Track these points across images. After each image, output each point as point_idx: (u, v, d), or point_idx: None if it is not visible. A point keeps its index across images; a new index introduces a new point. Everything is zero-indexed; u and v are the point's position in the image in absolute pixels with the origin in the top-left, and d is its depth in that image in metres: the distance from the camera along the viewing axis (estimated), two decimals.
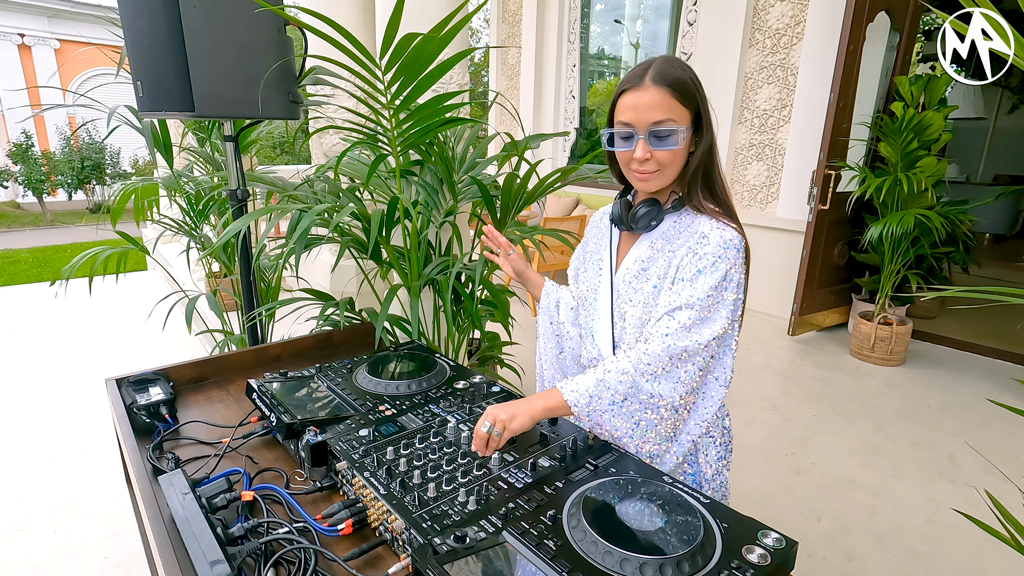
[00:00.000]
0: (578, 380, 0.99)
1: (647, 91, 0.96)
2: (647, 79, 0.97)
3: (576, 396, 0.97)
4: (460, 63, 1.75)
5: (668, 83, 0.96)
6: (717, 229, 1.00)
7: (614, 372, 0.97)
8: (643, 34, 5.62)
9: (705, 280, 0.97)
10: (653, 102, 0.96)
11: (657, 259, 1.05)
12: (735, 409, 2.89)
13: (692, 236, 1.02)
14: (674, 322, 0.97)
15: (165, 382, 1.21)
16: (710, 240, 0.99)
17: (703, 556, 0.67)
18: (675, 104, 0.97)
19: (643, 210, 1.06)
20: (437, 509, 0.77)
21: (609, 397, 0.96)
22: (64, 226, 11.69)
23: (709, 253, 0.98)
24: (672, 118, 0.97)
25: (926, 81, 3.33)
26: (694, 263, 0.99)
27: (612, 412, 0.96)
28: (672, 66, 0.98)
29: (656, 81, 0.96)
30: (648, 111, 0.96)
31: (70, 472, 2.47)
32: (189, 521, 0.74)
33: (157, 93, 1.51)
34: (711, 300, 0.97)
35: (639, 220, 1.06)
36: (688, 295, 0.97)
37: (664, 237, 1.06)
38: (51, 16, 13.69)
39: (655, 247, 1.06)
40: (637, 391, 0.97)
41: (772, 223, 4.16)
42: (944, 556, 1.92)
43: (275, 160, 8.36)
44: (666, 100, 0.96)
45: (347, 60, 1.45)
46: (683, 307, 0.97)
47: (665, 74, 0.96)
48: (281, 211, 1.68)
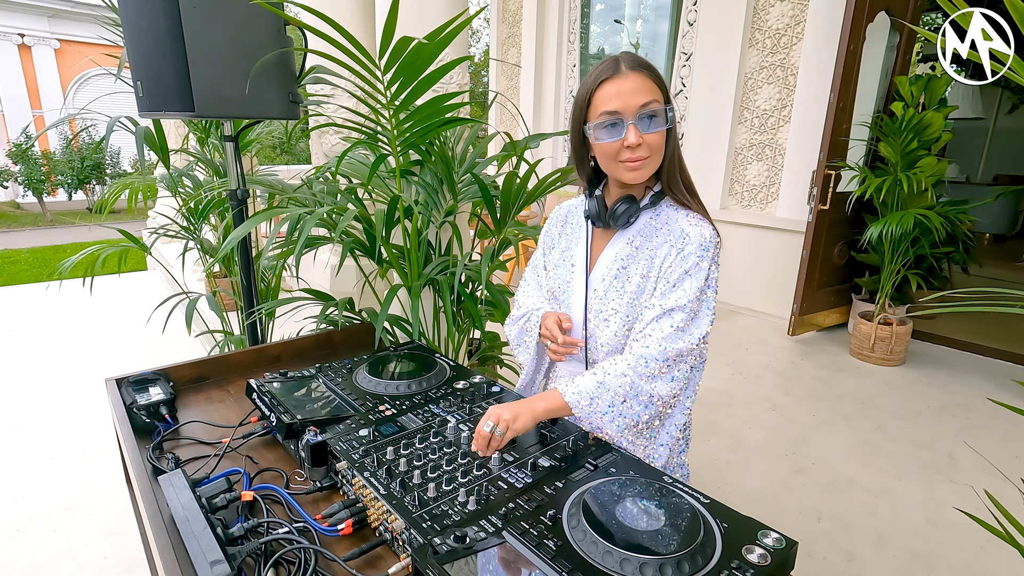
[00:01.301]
0: (578, 382, 1.01)
1: (627, 77, 0.97)
2: (623, 66, 0.98)
3: (577, 398, 0.99)
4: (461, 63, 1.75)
5: (644, 67, 0.99)
6: (696, 226, 1.02)
7: (613, 375, 0.99)
8: (643, 34, 5.61)
9: (692, 282, 1.00)
10: (636, 86, 0.97)
11: (637, 257, 1.06)
12: (735, 409, 2.89)
13: (671, 233, 1.04)
14: (668, 325, 0.99)
15: (165, 382, 1.21)
16: (691, 238, 1.01)
17: (703, 556, 0.67)
18: (654, 87, 0.99)
19: (623, 207, 1.06)
20: (437, 509, 0.77)
21: (609, 399, 0.98)
22: (64, 226, 11.69)
23: (692, 253, 1.01)
24: (657, 98, 0.98)
25: (926, 81, 3.33)
26: (680, 264, 1.01)
27: (612, 413, 0.98)
28: (640, 59, 1.01)
29: (633, 67, 0.98)
30: (633, 95, 0.97)
31: (70, 472, 2.47)
32: (189, 521, 0.74)
33: (157, 93, 1.51)
34: (698, 301, 1.00)
35: (619, 217, 1.06)
36: (678, 297, 1.00)
37: (642, 234, 1.07)
38: (51, 16, 13.69)
39: (633, 244, 1.08)
40: (637, 392, 0.99)
41: (772, 223, 4.16)
42: (944, 556, 1.92)
43: (275, 160, 8.36)
44: (647, 83, 0.98)
45: (347, 59, 1.45)
46: (675, 310, 0.99)
47: (639, 62, 0.99)
48: (284, 216, 1.68)
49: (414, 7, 2.31)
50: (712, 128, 4.44)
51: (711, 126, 4.44)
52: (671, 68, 4.77)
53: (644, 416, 1.00)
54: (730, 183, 4.50)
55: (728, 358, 3.52)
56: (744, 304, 4.45)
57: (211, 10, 1.47)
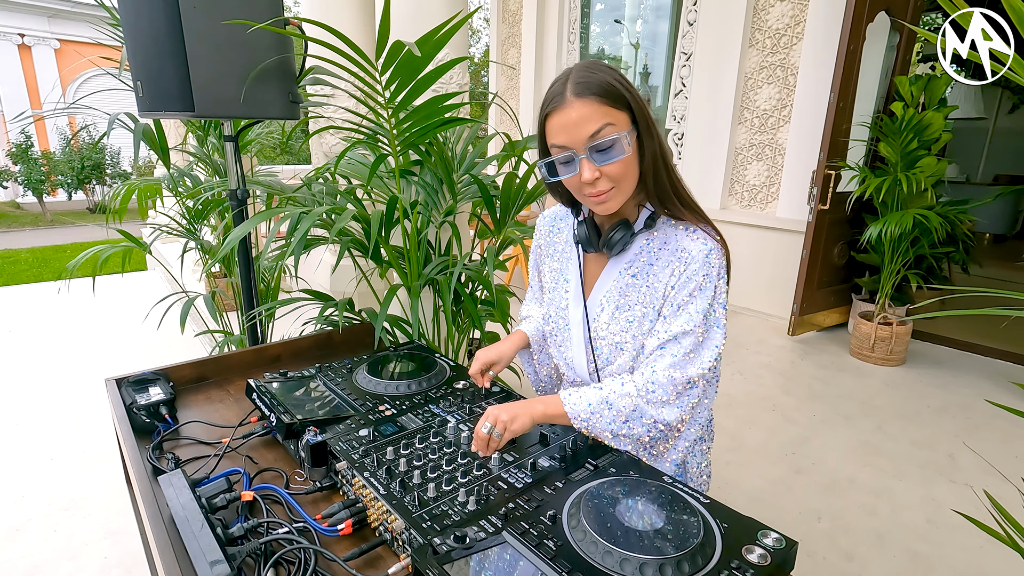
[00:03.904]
0: (582, 393, 0.97)
1: (571, 107, 0.87)
2: (568, 94, 0.88)
3: (577, 410, 0.95)
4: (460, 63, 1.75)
5: (592, 91, 0.87)
6: (697, 240, 0.95)
7: (619, 395, 0.95)
8: (643, 34, 5.62)
9: (698, 304, 0.94)
10: (582, 116, 0.87)
11: (638, 286, 1.00)
12: (735, 409, 2.89)
13: (672, 254, 0.97)
14: (675, 352, 0.94)
15: (165, 382, 1.21)
16: (693, 256, 0.94)
17: (703, 556, 0.67)
18: (607, 110, 0.87)
19: (618, 235, 0.98)
20: (437, 509, 0.77)
21: (611, 416, 0.95)
22: (64, 226, 11.69)
23: (697, 272, 0.94)
24: (608, 123, 0.87)
25: (926, 81, 3.33)
26: (684, 285, 0.95)
27: (612, 429, 0.96)
28: (591, 71, 0.89)
29: (578, 93, 0.87)
30: (579, 127, 0.87)
31: (70, 472, 2.47)
32: (189, 521, 0.74)
33: (157, 93, 1.51)
34: (706, 322, 0.95)
35: (615, 246, 0.99)
36: (684, 322, 0.94)
37: (640, 260, 1.00)
38: (51, 16, 13.70)
39: (631, 271, 1.01)
40: (641, 415, 0.95)
41: (772, 223, 4.16)
42: (944, 556, 1.92)
43: (275, 160, 8.35)
44: (596, 109, 0.87)
45: (346, 61, 1.45)
46: (681, 335, 0.94)
47: (586, 83, 0.87)
48: (283, 215, 1.68)
49: (412, 6, 2.31)
50: (712, 128, 4.44)
51: (711, 126, 4.44)
52: (671, 68, 4.77)
53: (646, 438, 0.96)
54: (730, 183, 4.50)
55: (728, 358, 3.52)
56: (744, 304, 4.45)
57: (211, 10, 1.47)
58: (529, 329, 1.25)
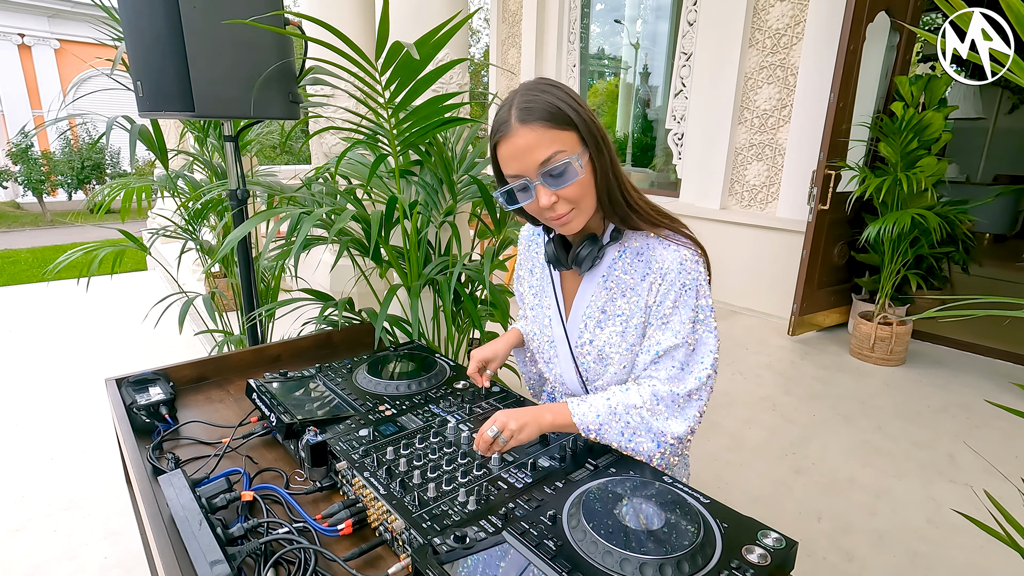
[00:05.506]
0: (590, 403, 0.96)
1: (518, 135, 0.87)
2: (512, 121, 0.87)
3: (586, 422, 0.95)
4: (460, 63, 1.75)
5: (536, 116, 0.86)
6: (670, 249, 0.95)
7: (625, 406, 0.95)
8: (643, 34, 5.62)
9: (682, 313, 0.94)
10: (529, 143, 0.86)
11: (615, 301, 1.00)
12: (735, 409, 2.89)
13: (647, 265, 0.97)
14: (670, 366, 0.95)
15: (165, 382, 1.21)
16: (668, 266, 0.94)
17: (703, 556, 0.67)
18: (554, 134, 0.86)
19: (585, 251, 0.99)
20: (437, 509, 0.77)
21: (619, 427, 0.95)
22: (64, 226, 11.69)
23: (675, 281, 0.94)
24: (558, 149, 0.87)
25: (926, 81, 3.33)
26: (665, 296, 0.94)
27: (619, 439, 0.95)
28: (535, 93, 0.88)
29: (523, 120, 0.86)
30: (528, 154, 0.87)
31: (70, 472, 2.47)
32: (189, 521, 0.74)
33: (157, 93, 1.51)
34: (694, 330, 0.95)
35: (583, 263, 0.99)
36: (673, 335, 0.94)
37: (615, 271, 1.00)
38: (51, 16, 13.70)
39: (606, 286, 1.01)
40: (648, 427, 0.95)
41: (772, 223, 4.16)
42: (944, 556, 1.92)
43: (275, 160, 8.35)
44: (543, 135, 0.86)
45: (345, 61, 1.45)
46: (673, 349, 0.94)
47: (528, 108, 0.86)
48: (283, 216, 1.68)
49: (412, 6, 2.31)
50: (712, 128, 4.44)
51: (711, 126, 4.44)
52: (671, 68, 4.78)
53: (656, 454, 0.96)
54: (730, 183, 4.50)
55: (728, 358, 3.52)
56: (744, 304, 4.45)
57: (211, 10, 1.47)
58: (524, 327, 1.25)
